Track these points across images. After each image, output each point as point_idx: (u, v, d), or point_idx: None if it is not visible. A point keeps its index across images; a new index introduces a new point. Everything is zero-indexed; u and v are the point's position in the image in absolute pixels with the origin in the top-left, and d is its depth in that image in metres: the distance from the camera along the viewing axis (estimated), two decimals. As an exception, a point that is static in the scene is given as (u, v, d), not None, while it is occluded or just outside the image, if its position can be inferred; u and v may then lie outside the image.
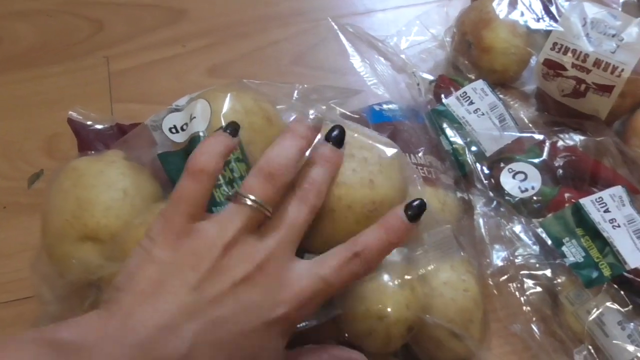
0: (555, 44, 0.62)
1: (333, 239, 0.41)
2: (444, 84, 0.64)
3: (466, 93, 0.61)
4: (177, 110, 0.46)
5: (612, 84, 0.59)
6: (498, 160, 0.58)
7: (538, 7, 0.65)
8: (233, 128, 0.41)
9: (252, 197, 0.38)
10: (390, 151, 0.45)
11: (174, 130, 0.45)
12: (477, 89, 0.62)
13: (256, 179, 0.39)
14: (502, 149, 0.59)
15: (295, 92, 0.51)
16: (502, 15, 0.65)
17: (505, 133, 0.60)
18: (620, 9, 0.63)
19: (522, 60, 0.65)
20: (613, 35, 0.61)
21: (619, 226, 0.52)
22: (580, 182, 0.57)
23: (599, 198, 0.54)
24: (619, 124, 0.64)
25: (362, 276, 0.40)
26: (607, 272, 0.51)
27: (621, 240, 0.52)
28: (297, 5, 0.80)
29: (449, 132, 0.59)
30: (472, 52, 0.66)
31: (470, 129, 0.59)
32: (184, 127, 0.44)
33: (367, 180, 0.43)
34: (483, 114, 0.60)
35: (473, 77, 0.65)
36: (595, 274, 0.51)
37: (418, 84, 0.61)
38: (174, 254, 0.36)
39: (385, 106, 0.59)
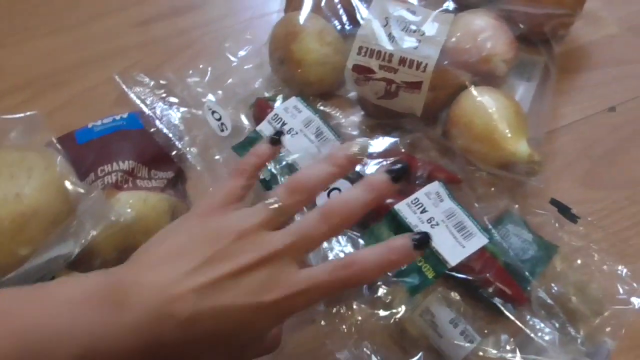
0: (360, 48, 0.61)
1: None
2: (260, 108, 0.62)
3: (277, 115, 0.59)
4: None
5: (420, 79, 0.59)
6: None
7: (342, 14, 0.64)
8: (273, 138, 0.47)
9: (272, 202, 0.43)
10: (47, 164, 0.47)
11: None
12: (290, 107, 0.60)
13: (282, 188, 0.44)
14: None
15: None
16: (308, 26, 0.64)
17: (323, 148, 0.59)
18: (419, 3, 0.63)
19: (336, 68, 0.64)
20: (414, 31, 0.60)
21: (437, 224, 0.52)
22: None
23: (414, 199, 0.53)
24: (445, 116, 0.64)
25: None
26: (430, 274, 0.50)
27: (440, 239, 0.51)
28: (114, 47, 0.77)
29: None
30: (286, 68, 0.65)
31: (284, 152, 0.58)
32: None
33: (13, 195, 0.43)
34: (297, 133, 0.59)
35: (293, 94, 0.64)
36: (418, 280, 0.50)
37: (220, 120, 0.59)
38: (202, 229, 0.42)
39: (100, 122, 0.61)
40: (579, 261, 0.57)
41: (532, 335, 0.49)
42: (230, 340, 0.41)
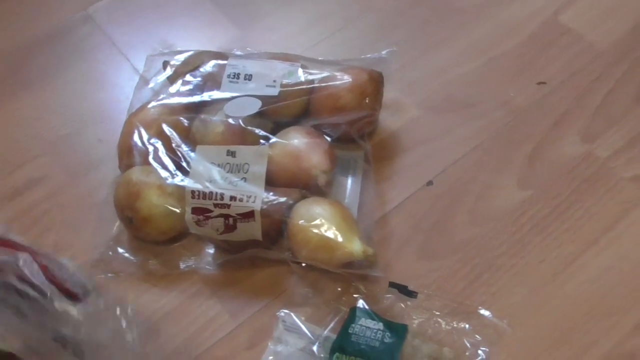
0: (193, 192, 0.67)
1: None
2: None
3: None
4: None
5: (251, 209, 0.66)
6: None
7: (170, 165, 0.70)
8: None
9: None
10: None
11: None
12: None
13: None
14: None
15: None
16: (147, 181, 0.69)
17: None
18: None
19: (182, 214, 0.69)
20: (238, 170, 0.68)
21: None
22: None
23: None
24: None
25: None
26: None
27: None
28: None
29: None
30: (136, 225, 0.69)
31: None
32: None
33: None
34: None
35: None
36: None
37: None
38: None
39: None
40: (429, 331, 0.64)
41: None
42: None
